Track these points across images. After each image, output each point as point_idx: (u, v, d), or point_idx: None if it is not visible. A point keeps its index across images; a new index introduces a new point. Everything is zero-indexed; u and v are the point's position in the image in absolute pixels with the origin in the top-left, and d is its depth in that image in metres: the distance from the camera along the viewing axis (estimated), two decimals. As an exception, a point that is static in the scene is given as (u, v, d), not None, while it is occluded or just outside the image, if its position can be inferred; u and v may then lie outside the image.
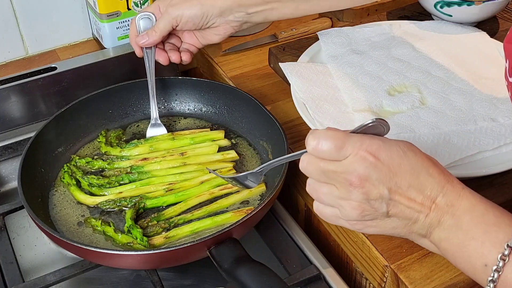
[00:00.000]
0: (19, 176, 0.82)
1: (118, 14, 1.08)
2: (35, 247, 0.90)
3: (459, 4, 1.02)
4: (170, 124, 1.01)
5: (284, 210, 0.90)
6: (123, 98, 1.00)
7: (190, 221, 0.84)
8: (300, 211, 0.95)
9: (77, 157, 0.93)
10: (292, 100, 0.92)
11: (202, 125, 1.01)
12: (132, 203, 0.85)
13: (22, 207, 0.85)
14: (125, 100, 1.01)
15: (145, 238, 0.79)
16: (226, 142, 0.96)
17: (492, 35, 1.06)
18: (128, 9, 1.09)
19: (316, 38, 1.05)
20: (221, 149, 0.95)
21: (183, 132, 0.98)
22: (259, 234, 0.87)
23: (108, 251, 0.74)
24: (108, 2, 1.06)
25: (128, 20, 1.10)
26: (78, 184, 0.89)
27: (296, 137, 0.92)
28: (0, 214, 0.87)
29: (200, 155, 0.93)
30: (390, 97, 0.92)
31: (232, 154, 0.94)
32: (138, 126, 1.01)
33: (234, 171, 0.92)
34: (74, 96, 1.01)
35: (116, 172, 0.91)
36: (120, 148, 0.94)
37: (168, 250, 0.72)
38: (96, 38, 1.16)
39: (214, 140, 0.96)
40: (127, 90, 1.00)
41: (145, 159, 0.92)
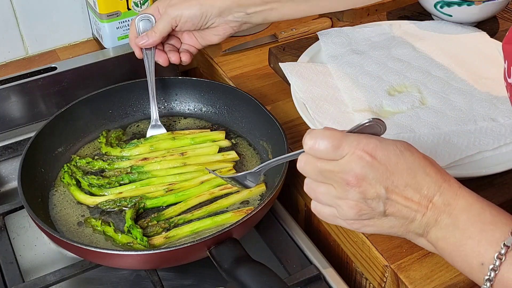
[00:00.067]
0: (19, 176, 0.82)
1: (118, 14, 1.08)
2: (35, 247, 0.90)
3: (459, 4, 1.02)
4: (170, 124, 1.01)
5: (284, 210, 0.90)
6: (123, 98, 1.00)
7: (190, 221, 0.84)
8: (300, 211, 0.95)
9: (77, 157, 0.93)
10: (292, 100, 0.92)
11: (202, 125, 1.01)
12: (132, 203, 0.85)
13: (22, 207, 0.85)
14: (125, 100, 1.01)
15: (145, 238, 0.79)
16: (227, 143, 0.96)
17: (492, 35, 1.05)
18: (128, 9, 1.09)
19: (316, 38, 1.05)
20: (221, 149, 0.95)
21: (183, 132, 0.98)
22: (259, 234, 0.87)
23: (108, 251, 0.74)
24: (108, 2, 1.06)
25: (128, 20, 1.10)
26: (78, 184, 0.89)
27: (296, 137, 0.92)
28: (0, 214, 0.87)
29: (201, 156, 0.93)
30: (390, 97, 0.92)
31: (233, 155, 0.94)
32: (138, 126, 1.01)
33: (234, 171, 0.92)
34: (74, 96, 1.01)
35: (116, 173, 0.91)
36: (120, 148, 0.94)
37: (168, 250, 0.72)
38: (96, 38, 1.16)
39: (215, 141, 0.96)
40: (127, 90, 1.00)
41: (145, 159, 0.92)
